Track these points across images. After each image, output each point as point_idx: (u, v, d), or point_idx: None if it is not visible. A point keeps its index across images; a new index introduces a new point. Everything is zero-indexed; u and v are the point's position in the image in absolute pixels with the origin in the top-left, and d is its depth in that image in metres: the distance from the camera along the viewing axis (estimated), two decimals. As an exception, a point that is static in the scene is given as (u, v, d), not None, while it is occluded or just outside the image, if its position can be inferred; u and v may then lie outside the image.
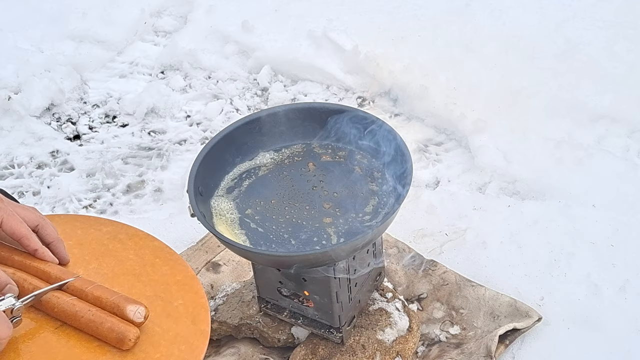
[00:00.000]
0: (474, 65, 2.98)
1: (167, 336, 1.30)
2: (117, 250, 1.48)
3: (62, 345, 1.28)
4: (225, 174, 1.80)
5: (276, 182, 1.76)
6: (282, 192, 1.74)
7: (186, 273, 1.44)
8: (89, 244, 1.49)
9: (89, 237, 1.51)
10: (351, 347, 1.80)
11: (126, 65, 3.24)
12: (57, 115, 2.99)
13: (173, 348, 1.28)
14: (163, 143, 2.81)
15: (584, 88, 2.80)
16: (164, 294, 1.38)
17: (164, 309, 1.35)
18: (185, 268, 1.45)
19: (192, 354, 1.28)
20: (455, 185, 2.50)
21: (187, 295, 1.39)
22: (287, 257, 1.58)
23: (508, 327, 1.88)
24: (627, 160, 2.49)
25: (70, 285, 1.33)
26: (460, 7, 3.32)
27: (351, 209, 1.67)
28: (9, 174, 2.72)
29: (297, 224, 1.66)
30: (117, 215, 2.50)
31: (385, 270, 2.01)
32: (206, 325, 1.33)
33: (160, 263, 1.46)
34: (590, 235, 2.19)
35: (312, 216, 1.67)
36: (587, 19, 3.17)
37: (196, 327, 1.33)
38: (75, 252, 1.45)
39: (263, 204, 1.72)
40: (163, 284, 1.41)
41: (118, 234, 1.52)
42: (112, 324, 1.26)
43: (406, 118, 2.86)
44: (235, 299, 1.96)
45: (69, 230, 1.50)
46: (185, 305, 1.37)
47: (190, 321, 1.34)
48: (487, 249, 2.16)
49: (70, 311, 1.29)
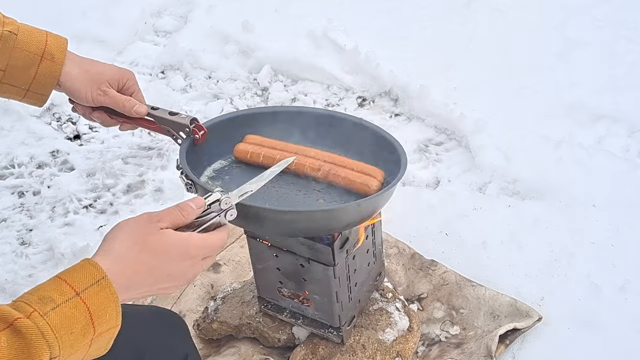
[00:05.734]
0: (474, 65, 2.98)
1: None
2: None
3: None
4: (207, 166, 1.72)
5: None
6: (271, 181, 1.66)
7: None
8: None
9: None
10: (351, 347, 1.80)
11: (126, 65, 3.24)
12: (58, 115, 2.99)
13: None
14: (163, 143, 2.81)
15: (584, 88, 2.80)
16: None
17: None
18: None
19: None
20: (455, 185, 2.51)
21: None
22: (294, 214, 1.49)
23: (508, 327, 1.88)
24: (627, 160, 2.49)
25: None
26: (460, 7, 3.32)
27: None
28: (9, 173, 2.72)
29: (293, 202, 1.60)
30: (117, 215, 2.50)
31: (385, 270, 2.01)
32: None
33: None
34: (590, 235, 2.19)
35: (306, 198, 1.61)
36: (587, 19, 3.17)
37: None
38: None
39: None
40: None
41: None
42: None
43: (406, 118, 2.86)
44: (235, 299, 1.96)
45: None
46: None
47: None
48: (487, 249, 2.16)
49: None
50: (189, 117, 1.61)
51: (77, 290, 0.98)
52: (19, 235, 2.46)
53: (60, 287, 0.98)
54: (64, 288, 0.98)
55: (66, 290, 0.98)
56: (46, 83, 1.48)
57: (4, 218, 2.53)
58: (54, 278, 1.00)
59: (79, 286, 0.99)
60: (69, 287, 0.98)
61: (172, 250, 1.11)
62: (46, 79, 1.47)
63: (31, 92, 1.48)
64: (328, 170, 1.61)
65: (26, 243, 2.43)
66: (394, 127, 2.81)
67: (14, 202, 2.59)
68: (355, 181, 1.58)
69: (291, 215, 1.49)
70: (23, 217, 2.53)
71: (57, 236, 2.40)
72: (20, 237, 2.45)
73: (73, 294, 0.98)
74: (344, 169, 1.61)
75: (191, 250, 1.13)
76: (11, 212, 2.55)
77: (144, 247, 1.08)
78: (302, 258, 1.67)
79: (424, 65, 2.96)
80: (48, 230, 2.45)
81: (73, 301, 0.97)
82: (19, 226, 2.49)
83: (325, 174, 1.62)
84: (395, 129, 2.80)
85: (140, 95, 1.62)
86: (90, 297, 0.99)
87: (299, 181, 1.64)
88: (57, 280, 0.99)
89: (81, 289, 0.99)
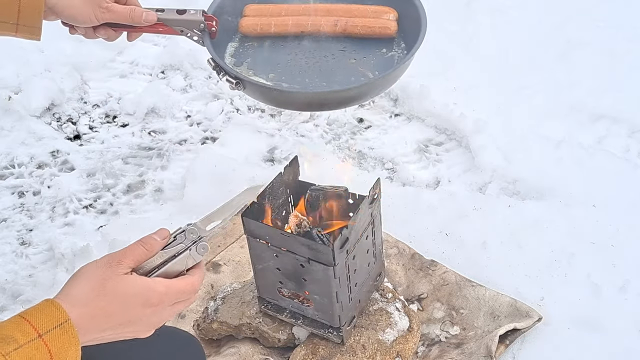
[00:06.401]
0: (474, 65, 2.98)
1: None
2: None
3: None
4: (224, 55, 1.67)
5: (282, 47, 1.62)
6: (294, 52, 1.59)
7: None
8: None
9: None
10: (351, 347, 1.80)
11: (126, 65, 3.24)
12: (58, 115, 2.99)
13: None
14: (163, 143, 2.81)
15: (584, 88, 2.80)
16: None
17: None
18: None
19: None
20: (455, 185, 2.51)
21: None
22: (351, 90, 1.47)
23: (508, 327, 1.88)
24: (627, 160, 2.49)
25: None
26: (460, 7, 3.32)
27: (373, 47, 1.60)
28: (9, 173, 2.72)
29: (329, 70, 1.55)
30: (117, 215, 2.50)
31: (385, 270, 2.01)
32: None
33: None
34: (590, 235, 2.19)
35: (337, 62, 1.57)
36: (587, 19, 3.17)
37: None
38: None
39: (281, 65, 1.57)
40: None
41: None
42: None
43: (406, 118, 2.86)
44: (235, 299, 1.96)
45: None
46: None
47: None
48: (487, 249, 2.16)
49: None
50: (198, 11, 1.56)
51: (39, 332, 0.98)
52: (19, 235, 2.46)
53: (23, 327, 0.98)
54: (26, 329, 0.98)
55: (29, 331, 0.98)
56: (33, 13, 1.43)
57: (4, 218, 2.53)
58: (17, 317, 1.00)
59: (42, 328, 0.99)
60: (32, 328, 0.98)
61: (130, 297, 1.08)
62: (32, 9, 1.42)
63: (21, 25, 1.43)
64: (345, 24, 1.59)
65: (26, 243, 2.43)
66: (394, 127, 2.81)
67: (14, 202, 2.59)
68: (375, 27, 1.59)
69: (351, 92, 1.48)
70: (23, 217, 2.53)
71: (57, 236, 2.41)
72: (20, 237, 2.46)
73: (35, 335, 0.97)
74: (359, 18, 1.60)
75: (152, 298, 1.09)
76: (11, 212, 2.55)
77: (101, 293, 1.06)
78: (302, 258, 1.67)
79: (423, 65, 2.95)
80: (48, 230, 2.46)
81: (35, 343, 0.97)
82: (19, 226, 2.50)
83: (343, 27, 1.59)
84: (395, 129, 2.80)
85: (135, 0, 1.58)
86: (53, 339, 0.99)
87: (321, 44, 1.60)
88: (20, 319, 0.99)
89: (44, 331, 0.98)
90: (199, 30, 1.57)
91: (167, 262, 1.14)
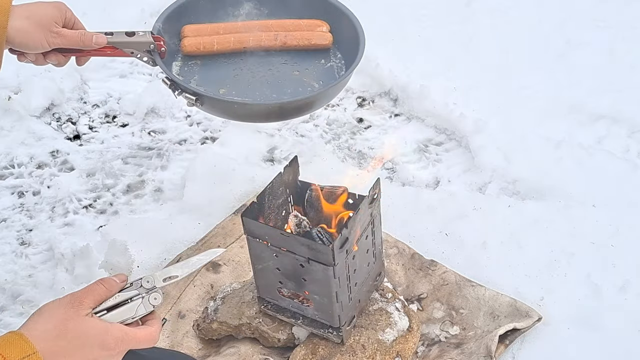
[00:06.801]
0: (474, 65, 2.98)
1: None
2: None
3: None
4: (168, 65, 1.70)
5: (225, 64, 1.69)
6: (239, 68, 1.65)
7: None
8: None
9: None
10: (351, 347, 1.80)
11: (126, 65, 3.24)
12: (57, 115, 2.99)
13: None
14: (163, 143, 2.81)
15: (584, 88, 2.80)
16: None
17: None
18: None
19: None
20: (455, 185, 2.51)
21: None
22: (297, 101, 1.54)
23: (508, 327, 1.88)
24: (627, 160, 2.49)
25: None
26: (460, 7, 3.32)
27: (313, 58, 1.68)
28: (9, 173, 2.72)
29: (275, 83, 1.62)
30: (117, 215, 2.50)
31: (385, 270, 2.01)
32: None
33: None
34: (590, 235, 2.19)
35: (281, 74, 1.64)
36: (587, 19, 3.17)
37: None
38: None
39: (229, 81, 1.64)
40: None
41: None
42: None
43: (406, 118, 2.86)
44: (235, 299, 1.95)
45: None
46: None
47: None
48: (487, 249, 2.16)
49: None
50: (147, 33, 1.58)
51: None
52: (19, 235, 2.46)
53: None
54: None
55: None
56: None
57: (4, 218, 2.53)
58: None
59: (12, 358, 1.03)
60: (2, 358, 1.03)
61: (89, 338, 1.13)
62: None
63: None
64: (285, 37, 1.68)
65: (26, 243, 2.43)
66: (394, 127, 2.81)
67: (14, 202, 2.59)
68: (312, 39, 1.69)
69: (296, 103, 1.57)
70: (23, 217, 2.53)
71: (57, 236, 2.40)
72: (20, 237, 2.45)
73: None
74: (296, 31, 1.70)
75: (108, 341, 1.15)
76: (11, 212, 2.55)
77: (61, 332, 1.11)
78: (302, 258, 1.67)
79: (423, 65, 2.96)
80: (48, 230, 2.45)
81: None
82: (19, 226, 2.49)
83: (283, 41, 1.68)
84: (395, 129, 2.80)
85: (80, 23, 1.58)
86: None
87: (263, 58, 1.67)
88: None
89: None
90: (149, 52, 1.59)
91: (118, 305, 1.20)
